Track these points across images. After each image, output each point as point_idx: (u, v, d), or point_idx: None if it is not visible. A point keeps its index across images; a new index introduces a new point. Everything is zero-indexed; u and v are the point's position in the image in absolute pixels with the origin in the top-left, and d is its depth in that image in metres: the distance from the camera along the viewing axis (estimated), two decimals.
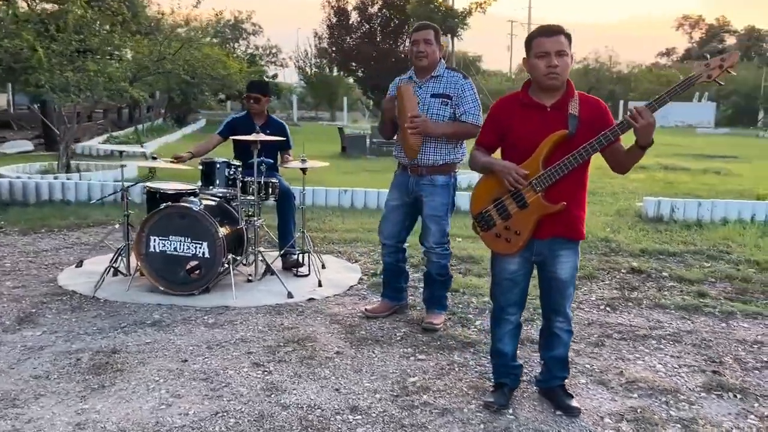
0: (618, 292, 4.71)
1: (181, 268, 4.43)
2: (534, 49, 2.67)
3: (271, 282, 4.75)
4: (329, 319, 4.04)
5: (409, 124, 3.59)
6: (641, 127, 2.51)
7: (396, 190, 3.97)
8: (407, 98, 3.63)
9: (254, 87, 5.24)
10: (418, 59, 3.75)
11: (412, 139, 3.65)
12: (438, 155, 3.76)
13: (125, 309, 4.18)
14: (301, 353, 3.48)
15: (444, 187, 3.82)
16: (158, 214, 4.45)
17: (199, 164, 4.79)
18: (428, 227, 3.85)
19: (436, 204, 3.82)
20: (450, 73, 3.80)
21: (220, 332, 3.79)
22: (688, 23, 70.73)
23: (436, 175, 3.80)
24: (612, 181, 10.57)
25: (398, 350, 3.56)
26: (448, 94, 3.73)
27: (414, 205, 3.93)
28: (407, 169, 3.86)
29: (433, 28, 3.79)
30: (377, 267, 5.27)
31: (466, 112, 3.71)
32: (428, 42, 3.72)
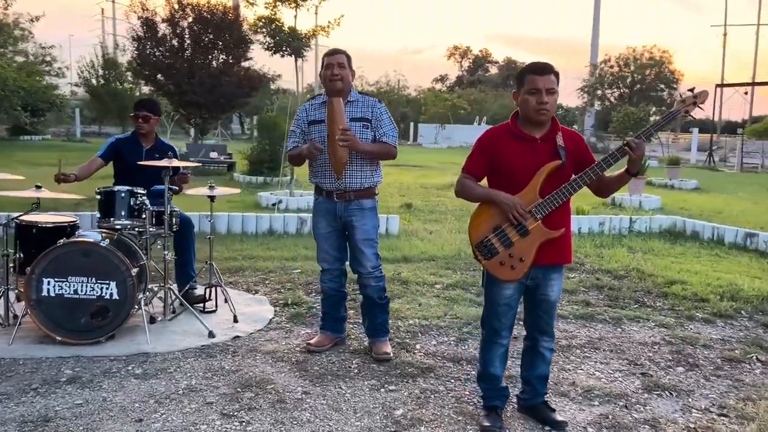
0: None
1: (82, 313, 3.85)
2: (526, 85, 2.84)
3: (181, 321, 4.35)
4: (270, 358, 3.80)
5: (341, 135, 3.56)
6: (637, 158, 2.78)
7: (323, 218, 3.89)
8: (338, 111, 3.60)
9: (143, 104, 4.77)
10: (333, 83, 3.73)
11: (341, 152, 3.61)
12: (363, 178, 3.78)
13: (22, 367, 3.53)
14: (267, 398, 3.24)
15: (372, 210, 3.85)
16: (54, 252, 3.83)
17: (97, 193, 4.21)
18: (363, 252, 3.83)
19: (368, 228, 3.82)
20: (364, 98, 3.86)
21: (158, 383, 3.38)
22: (458, 53, 78.20)
23: (363, 199, 3.81)
24: (446, 201, 11.31)
25: (363, 383, 3.48)
26: (367, 117, 3.78)
27: (343, 231, 3.89)
28: (333, 195, 3.81)
29: (345, 53, 3.81)
30: (282, 296, 5.09)
31: (385, 134, 3.79)
32: (342, 66, 3.73)
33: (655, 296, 5.52)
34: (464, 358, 3.89)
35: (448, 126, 42.78)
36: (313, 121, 3.83)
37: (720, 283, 5.89)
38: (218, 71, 17.85)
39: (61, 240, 3.95)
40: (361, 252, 3.81)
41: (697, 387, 3.60)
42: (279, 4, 10.15)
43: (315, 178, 3.89)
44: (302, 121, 3.88)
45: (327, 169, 3.77)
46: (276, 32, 10.06)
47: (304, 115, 3.89)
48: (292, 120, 4.03)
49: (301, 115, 3.91)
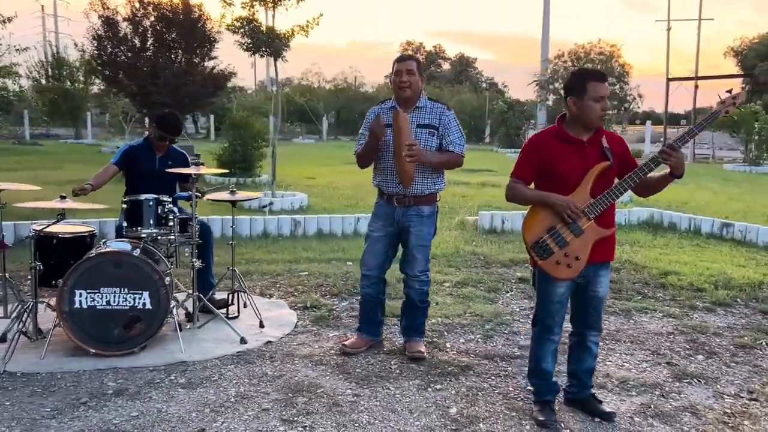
0: (530, 302, 5.22)
1: (115, 324, 3.80)
2: (590, 92, 2.93)
3: (209, 329, 4.33)
4: (309, 362, 3.83)
5: (407, 152, 3.60)
6: (674, 162, 2.92)
7: (380, 220, 3.93)
8: (404, 126, 3.62)
9: (173, 128, 4.66)
10: (402, 90, 3.77)
11: (408, 167, 3.66)
12: (425, 185, 3.83)
13: (61, 381, 3.47)
14: (321, 402, 3.28)
15: (430, 216, 3.90)
16: (85, 263, 3.77)
17: (123, 202, 4.14)
18: (415, 256, 3.89)
19: (423, 234, 3.88)
20: (433, 104, 3.87)
21: (206, 392, 3.37)
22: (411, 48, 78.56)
23: (422, 206, 3.85)
24: None
25: (409, 383, 3.54)
26: (433, 124, 3.81)
27: (397, 235, 3.94)
28: (393, 199, 3.86)
29: (415, 60, 3.84)
30: (299, 300, 5.11)
31: (452, 142, 3.82)
32: (411, 72, 3.75)
33: (654, 287, 5.75)
34: (497, 355, 4.00)
35: None
36: (385, 124, 3.81)
37: (711, 272, 6.17)
38: (182, 71, 17.55)
39: (93, 251, 3.89)
40: (413, 256, 3.87)
41: (721, 374, 3.79)
42: (256, 4, 10.04)
43: (377, 180, 3.92)
44: (372, 124, 3.89)
45: (391, 174, 3.80)
46: (254, 32, 9.95)
47: (372, 119, 3.87)
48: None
49: (370, 118, 3.90)
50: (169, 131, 4.67)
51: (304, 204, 10.08)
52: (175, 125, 4.74)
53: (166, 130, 4.67)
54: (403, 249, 3.97)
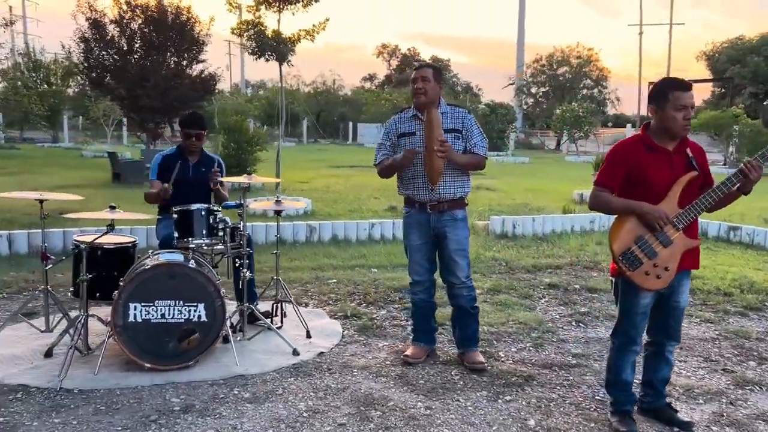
0: (566, 308, 5.23)
1: (170, 338, 3.70)
2: (672, 101, 2.92)
3: (257, 340, 4.23)
4: (368, 373, 3.77)
5: (439, 147, 3.58)
6: (754, 179, 2.93)
7: (416, 230, 3.91)
8: (435, 123, 3.61)
9: (195, 123, 4.58)
10: (417, 96, 3.79)
11: (438, 163, 3.63)
12: (455, 188, 3.83)
13: (122, 398, 3.36)
14: (396, 415, 3.22)
15: (464, 220, 3.90)
16: (140, 276, 3.66)
17: (174, 213, 4.03)
18: (456, 262, 3.86)
19: (460, 238, 3.86)
20: (454, 109, 3.91)
21: (275, 407, 3.29)
22: (387, 51, 78.63)
23: (455, 210, 3.86)
24: None
25: (477, 395, 3.50)
26: (457, 128, 3.83)
27: (435, 242, 3.91)
28: (426, 207, 3.83)
29: (432, 67, 3.86)
30: (336, 308, 5.04)
31: (476, 145, 3.84)
32: (426, 79, 3.78)
33: None
34: (554, 364, 3.98)
35: None
36: (404, 133, 3.85)
37: (732, 276, 6.25)
38: (171, 74, 17.27)
39: (148, 262, 3.77)
40: (454, 262, 3.84)
41: None
42: (262, 8, 9.95)
43: (407, 190, 3.89)
44: (392, 133, 3.89)
45: (420, 181, 3.79)
46: (260, 36, 9.86)
47: (393, 127, 3.90)
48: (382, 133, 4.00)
49: (390, 127, 3.91)
50: (191, 126, 4.59)
51: (309, 209, 9.97)
52: (195, 119, 4.66)
53: (188, 125, 4.60)
54: (441, 258, 3.95)
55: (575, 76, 41.09)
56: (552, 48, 42.31)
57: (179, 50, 17.56)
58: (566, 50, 40.21)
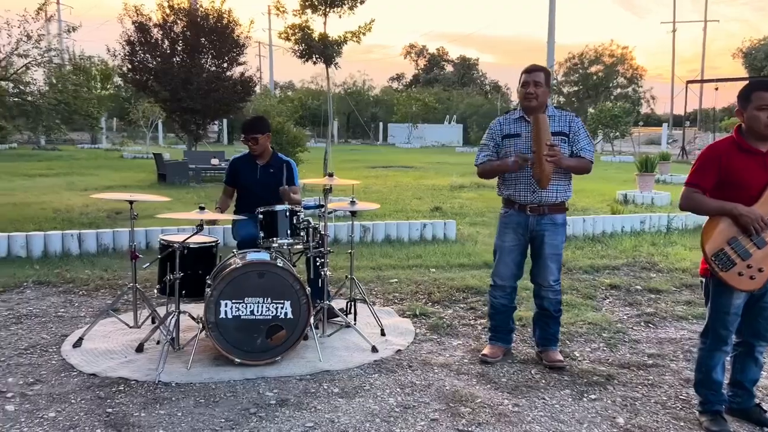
0: (632, 309, 5.24)
1: (258, 334, 3.82)
2: (754, 101, 2.96)
3: (336, 338, 4.34)
4: (449, 371, 3.85)
5: (549, 151, 3.61)
6: None
7: (511, 231, 3.95)
8: (544, 127, 3.64)
9: (251, 128, 4.71)
10: (528, 100, 3.81)
11: (547, 167, 3.66)
12: (558, 192, 3.86)
13: (218, 391, 3.49)
14: (486, 412, 3.29)
15: (563, 225, 3.93)
16: (231, 274, 3.79)
17: (258, 213, 4.16)
18: (548, 265, 3.91)
19: (557, 243, 3.90)
20: (561, 113, 3.92)
21: (365, 402, 3.39)
22: (414, 51, 78.54)
23: (556, 214, 3.88)
24: (466, 202, 11.46)
25: (561, 393, 3.56)
26: (564, 132, 3.85)
27: (527, 245, 3.96)
28: (526, 209, 3.88)
29: (544, 71, 3.87)
30: (404, 307, 5.12)
31: (583, 149, 3.85)
32: (538, 84, 3.79)
33: None
34: (631, 364, 4.01)
35: (419, 125, 43.01)
36: (509, 135, 3.88)
37: None
38: (213, 76, 17.56)
39: (238, 261, 3.91)
40: (546, 266, 3.89)
41: None
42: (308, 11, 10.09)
43: (507, 190, 3.94)
44: (496, 134, 3.93)
45: (522, 183, 3.83)
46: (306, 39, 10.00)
47: (498, 128, 3.93)
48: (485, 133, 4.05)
49: (494, 128, 3.95)
50: (246, 131, 4.74)
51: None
52: (249, 124, 4.78)
53: (244, 130, 4.77)
54: (533, 258, 3.99)
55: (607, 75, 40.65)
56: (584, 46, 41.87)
57: (220, 53, 17.83)
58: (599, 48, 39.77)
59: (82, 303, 5.04)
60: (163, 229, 6.79)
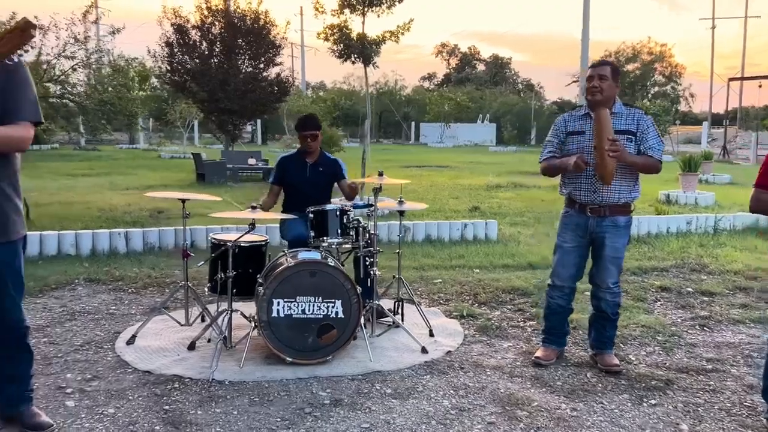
0: (685, 312, 5.10)
1: (309, 332, 3.81)
2: None
3: (384, 338, 4.32)
4: (501, 373, 3.79)
5: (610, 146, 3.49)
6: None
7: (571, 231, 3.87)
8: (605, 122, 3.53)
9: (308, 124, 4.71)
10: (592, 94, 3.70)
11: (609, 163, 3.55)
12: (621, 193, 3.75)
13: (271, 390, 3.49)
14: (543, 416, 3.23)
15: (626, 227, 3.82)
16: (283, 273, 3.79)
17: (309, 212, 4.16)
18: (608, 268, 3.81)
19: (618, 246, 3.80)
20: (629, 110, 3.79)
21: (419, 403, 3.35)
22: (446, 51, 78.15)
23: (618, 216, 3.77)
24: (504, 202, 11.34)
25: (619, 398, 3.47)
26: (631, 130, 3.72)
27: (588, 246, 3.87)
28: (586, 209, 3.79)
29: (610, 65, 3.76)
30: (450, 308, 5.07)
31: (651, 147, 3.71)
32: (603, 78, 3.67)
33: None
34: (690, 369, 3.89)
35: (452, 125, 42.81)
36: (573, 131, 3.79)
37: None
38: (250, 77, 17.73)
39: (289, 261, 3.91)
40: (606, 268, 3.80)
41: None
42: (346, 11, 10.09)
43: (568, 189, 3.86)
44: (561, 131, 3.84)
45: (584, 182, 3.74)
46: (345, 39, 10.00)
47: (562, 125, 3.85)
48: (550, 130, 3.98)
49: (559, 125, 3.87)
50: (306, 128, 4.74)
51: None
52: (309, 121, 4.79)
53: (303, 127, 4.76)
54: (594, 260, 3.90)
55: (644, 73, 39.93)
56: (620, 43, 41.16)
57: (256, 54, 17.99)
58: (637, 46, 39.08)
59: (132, 300, 5.11)
60: (207, 228, 6.86)
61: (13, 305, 2.79)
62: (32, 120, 2.65)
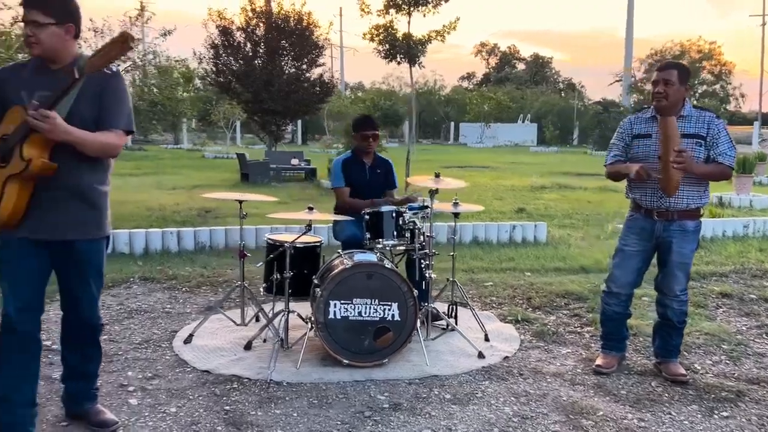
0: (750, 319, 4.91)
1: (366, 335, 3.78)
2: None
3: (439, 342, 4.26)
4: (562, 380, 3.69)
5: (676, 158, 3.37)
6: None
7: (635, 235, 3.75)
8: (672, 131, 3.40)
9: (370, 124, 4.70)
10: (657, 100, 3.57)
11: (675, 174, 3.43)
12: (690, 198, 3.62)
13: (328, 392, 3.46)
14: (610, 426, 3.13)
15: (695, 233, 3.69)
16: (340, 275, 3.77)
17: (365, 213, 4.14)
18: (675, 274, 3.68)
19: (686, 251, 3.67)
20: (700, 113, 3.64)
21: (480, 410, 3.29)
22: (485, 50, 77.47)
23: (686, 220, 3.65)
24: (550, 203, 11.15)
25: (688, 409, 3.35)
26: (701, 134, 3.58)
27: (652, 251, 3.75)
28: (653, 213, 3.67)
29: (677, 68, 3.61)
30: (504, 311, 4.99)
31: (722, 153, 3.57)
32: (669, 83, 3.53)
33: None
34: (762, 380, 3.73)
35: (492, 124, 42.41)
36: (639, 135, 3.68)
37: None
38: (293, 78, 17.88)
39: (345, 262, 3.89)
40: (673, 275, 3.67)
41: None
42: (392, 11, 10.06)
43: (634, 193, 3.75)
44: (626, 134, 3.74)
45: (651, 186, 3.62)
46: (390, 39, 9.97)
47: (628, 128, 3.74)
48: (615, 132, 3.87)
49: (624, 127, 3.76)
50: (367, 128, 4.72)
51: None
52: (369, 121, 4.79)
53: (364, 127, 4.73)
54: (660, 266, 3.78)
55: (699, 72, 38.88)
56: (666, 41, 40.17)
57: (299, 55, 18.13)
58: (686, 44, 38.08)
59: (186, 299, 5.16)
60: (256, 228, 6.91)
61: (92, 302, 2.88)
62: (125, 129, 2.74)
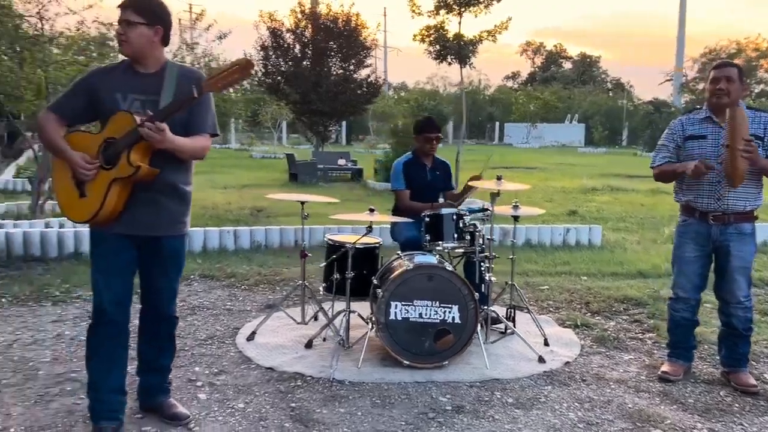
0: None
1: (426, 336, 3.80)
2: None
3: (499, 345, 4.24)
4: (626, 387, 3.63)
5: (745, 146, 3.28)
6: None
7: (692, 241, 3.68)
8: (741, 121, 3.32)
9: (433, 126, 4.73)
10: (719, 97, 3.51)
11: (741, 164, 3.34)
12: (747, 200, 3.55)
13: (390, 392, 3.49)
14: None
15: (752, 235, 3.61)
16: (402, 276, 3.79)
17: (425, 216, 4.16)
18: (736, 279, 3.59)
19: (745, 254, 3.58)
20: (756, 113, 3.57)
21: (543, 415, 3.26)
22: (531, 49, 76.49)
23: (743, 223, 3.57)
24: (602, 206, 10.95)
25: (761, 420, 3.26)
26: (758, 134, 3.50)
27: (710, 256, 3.67)
28: (708, 217, 3.59)
29: (736, 67, 3.56)
30: (562, 316, 4.93)
31: None
32: (730, 80, 3.48)
33: None
34: None
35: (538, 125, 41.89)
36: (692, 136, 3.62)
37: None
38: (341, 79, 18.02)
39: (406, 263, 3.91)
40: (734, 280, 3.59)
41: None
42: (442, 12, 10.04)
43: (687, 196, 3.68)
44: (677, 135, 3.68)
45: (705, 188, 3.56)
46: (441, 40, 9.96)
47: (679, 129, 3.68)
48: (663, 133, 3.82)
49: (675, 129, 3.71)
50: (431, 130, 4.75)
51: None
52: (433, 123, 4.83)
53: (428, 129, 4.76)
54: (718, 272, 3.69)
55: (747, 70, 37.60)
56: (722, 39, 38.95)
57: (347, 56, 18.26)
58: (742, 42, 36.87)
59: (246, 297, 5.27)
60: (310, 228, 7.00)
61: (172, 295, 3.01)
62: (211, 133, 2.92)
